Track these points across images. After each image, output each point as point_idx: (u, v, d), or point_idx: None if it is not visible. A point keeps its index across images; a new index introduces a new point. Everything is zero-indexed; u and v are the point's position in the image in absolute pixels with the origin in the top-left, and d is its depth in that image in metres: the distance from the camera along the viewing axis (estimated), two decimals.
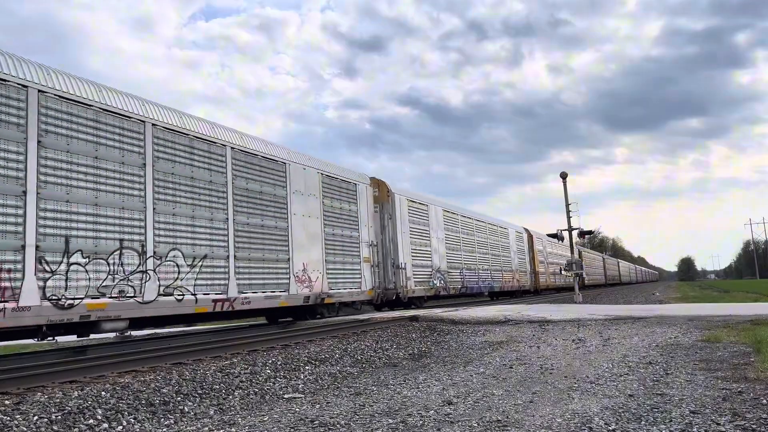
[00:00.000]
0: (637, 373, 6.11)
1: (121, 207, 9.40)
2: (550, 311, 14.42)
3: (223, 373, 6.58)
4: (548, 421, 4.23)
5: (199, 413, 5.09)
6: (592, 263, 54.49)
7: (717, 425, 3.90)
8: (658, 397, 4.86)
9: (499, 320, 12.87)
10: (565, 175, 24.01)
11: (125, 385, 5.75)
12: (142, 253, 9.60)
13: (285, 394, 5.87)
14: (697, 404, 4.54)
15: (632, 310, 14.25)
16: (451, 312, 14.69)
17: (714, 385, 5.26)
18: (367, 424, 4.38)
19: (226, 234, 11.44)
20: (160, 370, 6.79)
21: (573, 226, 24.19)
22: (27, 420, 4.51)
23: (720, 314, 11.82)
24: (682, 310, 13.55)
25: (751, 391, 4.91)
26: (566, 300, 23.90)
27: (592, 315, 12.93)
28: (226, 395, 5.73)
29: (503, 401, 5.02)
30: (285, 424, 4.53)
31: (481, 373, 6.63)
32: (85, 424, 4.57)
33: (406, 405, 5.03)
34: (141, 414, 4.95)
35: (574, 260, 23.62)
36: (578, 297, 22.67)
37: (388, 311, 17.44)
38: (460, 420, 4.40)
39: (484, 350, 8.69)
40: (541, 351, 8.27)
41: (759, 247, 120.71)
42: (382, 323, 12.42)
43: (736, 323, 10.30)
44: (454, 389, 5.68)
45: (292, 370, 7.05)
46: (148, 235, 9.74)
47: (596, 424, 4.08)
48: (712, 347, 7.77)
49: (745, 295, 28.59)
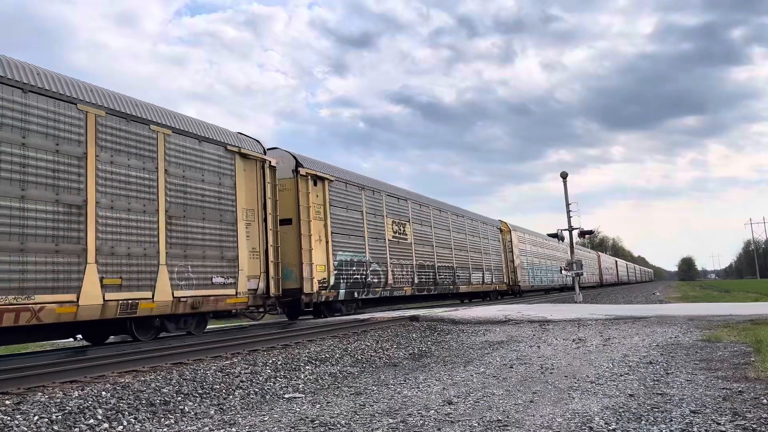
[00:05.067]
0: (638, 372, 6.11)
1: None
2: (550, 311, 14.42)
3: (224, 372, 6.58)
4: (549, 421, 4.23)
5: (200, 413, 5.09)
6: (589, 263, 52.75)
7: (717, 425, 3.90)
8: (658, 397, 4.86)
9: (499, 320, 12.88)
10: (565, 175, 24.01)
11: (126, 385, 5.75)
12: None
13: (285, 394, 5.87)
14: (698, 404, 4.54)
15: (633, 310, 14.25)
16: (452, 312, 14.70)
17: (714, 385, 5.26)
18: (367, 424, 4.38)
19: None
20: (161, 370, 6.79)
21: (573, 226, 24.20)
22: (27, 420, 4.51)
23: (720, 314, 11.81)
24: (682, 310, 13.55)
25: (752, 391, 4.91)
26: (566, 300, 23.90)
27: (592, 315, 12.93)
28: (227, 395, 5.73)
29: (504, 401, 5.02)
30: (285, 423, 4.53)
31: (481, 372, 6.63)
32: (85, 424, 4.58)
33: (406, 405, 5.03)
34: (141, 414, 4.95)
35: (575, 260, 23.63)
36: (578, 297, 22.68)
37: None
38: (460, 420, 4.40)
39: (485, 350, 8.69)
40: (542, 351, 8.27)
41: (759, 247, 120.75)
42: (382, 323, 12.43)
43: (736, 323, 10.30)
44: (454, 389, 5.68)
45: (293, 369, 7.05)
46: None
47: (597, 423, 4.08)
48: (713, 347, 7.77)
49: (746, 294, 28.59)
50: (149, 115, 10.48)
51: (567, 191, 24.17)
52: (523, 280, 32.89)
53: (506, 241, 31.78)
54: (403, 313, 15.59)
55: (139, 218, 9.95)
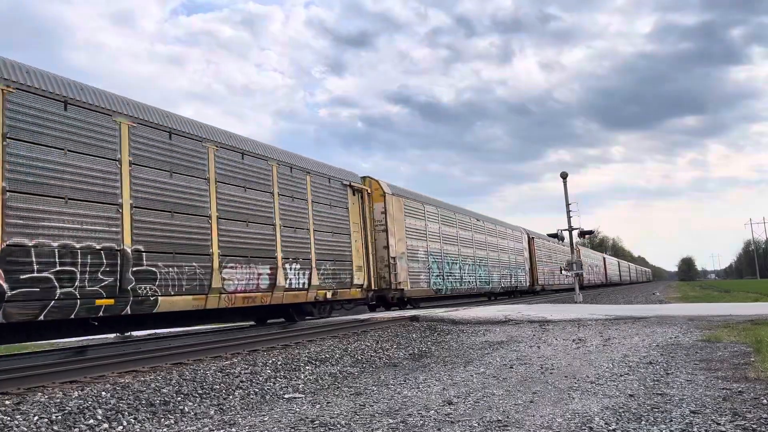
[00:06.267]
0: (638, 372, 6.11)
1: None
2: (550, 311, 14.42)
3: (224, 373, 6.58)
4: (549, 421, 4.23)
5: (200, 413, 5.09)
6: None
7: (717, 425, 3.90)
8: (658, 397, 4.86)
9: (499, 320, 12.88)
10: (565, 175, 24.01)
11: (125, 385, 5.75)
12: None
13: (285, 394, 5.87)
14: (698, 404, 4.54)
15: (633, 310, 14.25)
16: (452, 312, 14.70)
17: (714, 385, 5.26)
18: (367, 424, 4.38)
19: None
20: (161, 370, 6.79)
21: (573, 226, 24.21)
22: (27, 420, 4.51)
23: (720, 314, 11.82)
24: (682, 310, 13.55)
25: (752, 391, 4.91)
26: (566, 300, 23.90)
27: (592, 315, 12.93)
28: (227, 395, 5.73)
29: (504, 401, 5.02)
30: (285, 424, 4.53)
31: (481, 373, 6.63)
32: (85, 424, 4.57)
33: (406, 405, 5.03)
34: (141, 414, 4.95)
35: (575, 260, 23.63)
36: (578, 297, 22.68)
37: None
38: (460, 420, 4.40)
39: (485, 350, 8.69)
40: (542, 351, 8.27)
41: (759, 247, 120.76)
42: (382, 323, 12.43)
43: (736, 323, 10.31)
44: (454, 389, 5.68)
45: (293, 370, 7.05)
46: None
47: (597, 423, 4.08)
48: (713, 347, 7.77)
49: (746, 294, 28.60)
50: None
51: (567, 191, 24.21)
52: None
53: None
54: (402, 313, 15.60)
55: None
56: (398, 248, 18.09)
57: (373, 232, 17.31)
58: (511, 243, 31.13)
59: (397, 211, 18.49)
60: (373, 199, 17.63)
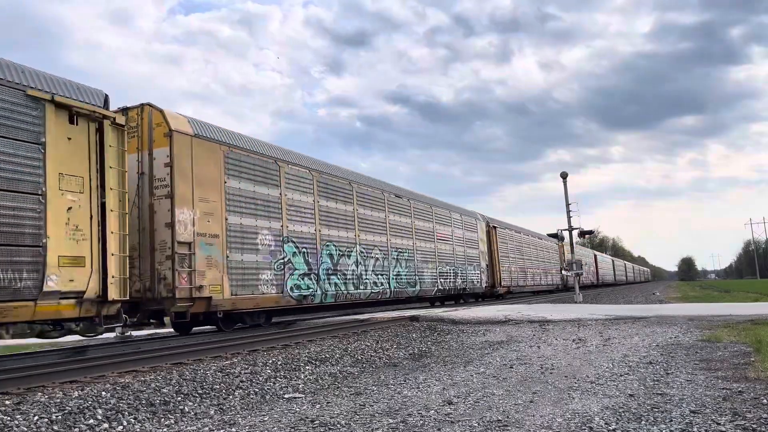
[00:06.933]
0: (638, 372, 6.12)
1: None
2: (550, 311, 14.42)
3: (224, 373, 6.58)
4: (549, 421, 4.23)
5: (200, 413, 5.09)
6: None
7: (717, 425, 3.90)
8: (658, 397, 4.87)
9: (499, 320, 12.88)
10: (565, 175, 24.02)
11: (125, 385, 5.75)
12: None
13: (285, 394, 5.87)
14: (698, 404, 4.54)
15: (632, 310, 14.26)
16: (452, 312, 14.71)
17: (714, 385, 5.26)
18: (367, 424, 4.38)
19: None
20: (161, 370, 6.79)
21: (573, 226, 24.21)
22: (27, 420, 4.51)
23: (720, 314, 11.82)
24: (682, 310, 13.56)
25: (752, 391, 4.91)
26: (566, 300, 23.90)
27: (592, 315, 12.94)
28: (227, 395, 5.73)
29: (503, 401, 5.02)
30: (285, 424, 4.53)
31: (481, 372, 6.63)
32: (85, 424, 4.58)
33: (406, 405, 5.03)
34: (141, 414, 4.95)
35: (574, 260, 23.63)
36: (578, 297, 22.68)
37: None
38: (460, 420, 4.41)
39: (485, 350, 8.69)
40: (542, 351, 8.27)
41: (759, 247, 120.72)
42: (382, 323, 12.43)
43: (736, 323, 10.31)
44: (454, 389, 5.68)
45: (293, 370, 7.05)
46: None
47: (597, 423, 4.08)
48: (713, 347, 7.78)
49: (746, 294, 28.60)
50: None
51: (567, 191, 24.20)
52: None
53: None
54: (402, 313, 15.60)
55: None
56: (200, 227, 10.85)
57: (137, 196, 10.57)
58: (458, 231, 23.48)
59: (202, 165, 11.09)
60: (144, 141, 10.74)
